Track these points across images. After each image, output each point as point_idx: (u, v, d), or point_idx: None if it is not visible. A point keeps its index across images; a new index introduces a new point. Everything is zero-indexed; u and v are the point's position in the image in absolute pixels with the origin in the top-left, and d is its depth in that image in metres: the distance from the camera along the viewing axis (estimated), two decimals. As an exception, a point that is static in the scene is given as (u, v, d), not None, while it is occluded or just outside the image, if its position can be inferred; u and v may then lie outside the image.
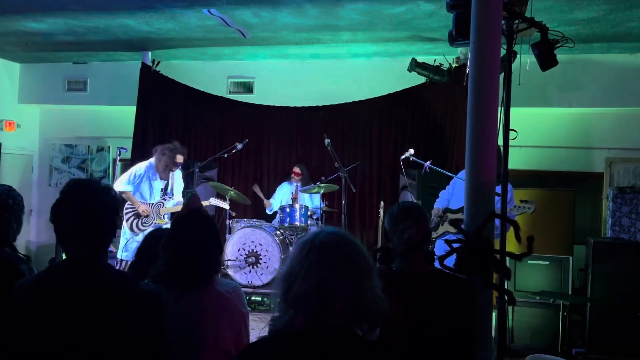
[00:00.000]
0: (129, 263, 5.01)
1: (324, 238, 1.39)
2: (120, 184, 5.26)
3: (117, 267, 5.21)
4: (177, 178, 5.55)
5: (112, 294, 1.59)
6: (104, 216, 1.67)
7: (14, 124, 7.75)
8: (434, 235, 4.52)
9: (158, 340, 1.64)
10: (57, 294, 1.58)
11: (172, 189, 5.49)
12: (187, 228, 2.04)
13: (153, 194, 5.39)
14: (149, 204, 5.36)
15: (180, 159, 5.38)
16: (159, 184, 5.43)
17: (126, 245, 5.33)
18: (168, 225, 5.45)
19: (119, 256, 5.35)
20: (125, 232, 5.38)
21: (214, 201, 5.68)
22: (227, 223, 6.23)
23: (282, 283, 1.39)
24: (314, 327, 1.32)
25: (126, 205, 5.33)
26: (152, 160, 5.44)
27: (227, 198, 6.04)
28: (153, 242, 2.36)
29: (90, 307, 1.56)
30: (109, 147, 8.00)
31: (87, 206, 1.63)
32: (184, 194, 5.61)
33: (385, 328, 1.95)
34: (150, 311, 1.62)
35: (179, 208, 5.43)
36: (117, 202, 1.72)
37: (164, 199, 5.41)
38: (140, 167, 5.40)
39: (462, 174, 4.56)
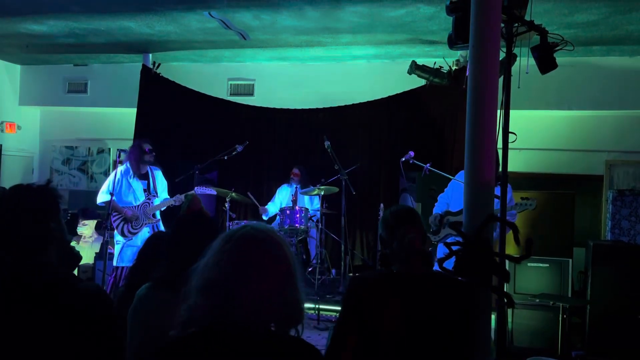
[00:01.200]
0: (127, 268, 4.95)
1: (245, 232, 1.36)
2: (101, 196, 5.27)
3: (113, 275, 5.20)
4: (158, 176, 5.55)
5: (46, 296, 1.53)
6: (38, 218, 1.62)
7: (14, 125, 7.77)
8: (436, 239, 4.51)
9: (104, 340, 1.57)
10: None
11: (154, 188, 5.47)
12: (188, 230, 2.04)
13: (136, 195, 5.38)
14: (135, 206, 5.36)
15: (147, 147, 5.39)
16: (139, 185, 5.39)
17: (121, 252, 5.28)
18: (159, 223, 5.45)
19: (114, 264, 5.29)
20: (117, 240, 5.34)
21: (199, 190, 5.64)
22: (227, 225, 6.23)
23: (194, 272, 1.34)
24: (216, 321, 1.28)
25: (113, 213, 5.29)
26: (124, 165, 5.45)
27: (227, 200, 6.04)
28: (153, 245, 2.37)
29: (23, 310, 1.51)
30: (110, 149, 8.02)
31: (21, 209, 1.59)
32: (169, 192, 5.61)
33: (385, 330, 1.96)
34: (88, 312, 1.55)
35: (166, 204, 5.42)
36: (52, 205, 1.66)
37: (149, 199, 5.41)
38: (115, 173, 5.40)
39: (460, 175, 4.58)
